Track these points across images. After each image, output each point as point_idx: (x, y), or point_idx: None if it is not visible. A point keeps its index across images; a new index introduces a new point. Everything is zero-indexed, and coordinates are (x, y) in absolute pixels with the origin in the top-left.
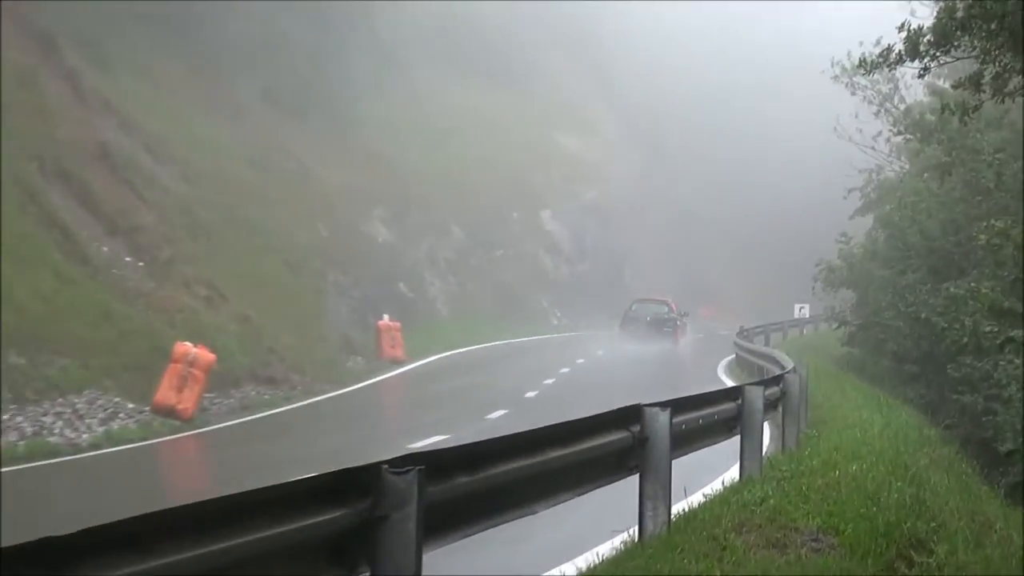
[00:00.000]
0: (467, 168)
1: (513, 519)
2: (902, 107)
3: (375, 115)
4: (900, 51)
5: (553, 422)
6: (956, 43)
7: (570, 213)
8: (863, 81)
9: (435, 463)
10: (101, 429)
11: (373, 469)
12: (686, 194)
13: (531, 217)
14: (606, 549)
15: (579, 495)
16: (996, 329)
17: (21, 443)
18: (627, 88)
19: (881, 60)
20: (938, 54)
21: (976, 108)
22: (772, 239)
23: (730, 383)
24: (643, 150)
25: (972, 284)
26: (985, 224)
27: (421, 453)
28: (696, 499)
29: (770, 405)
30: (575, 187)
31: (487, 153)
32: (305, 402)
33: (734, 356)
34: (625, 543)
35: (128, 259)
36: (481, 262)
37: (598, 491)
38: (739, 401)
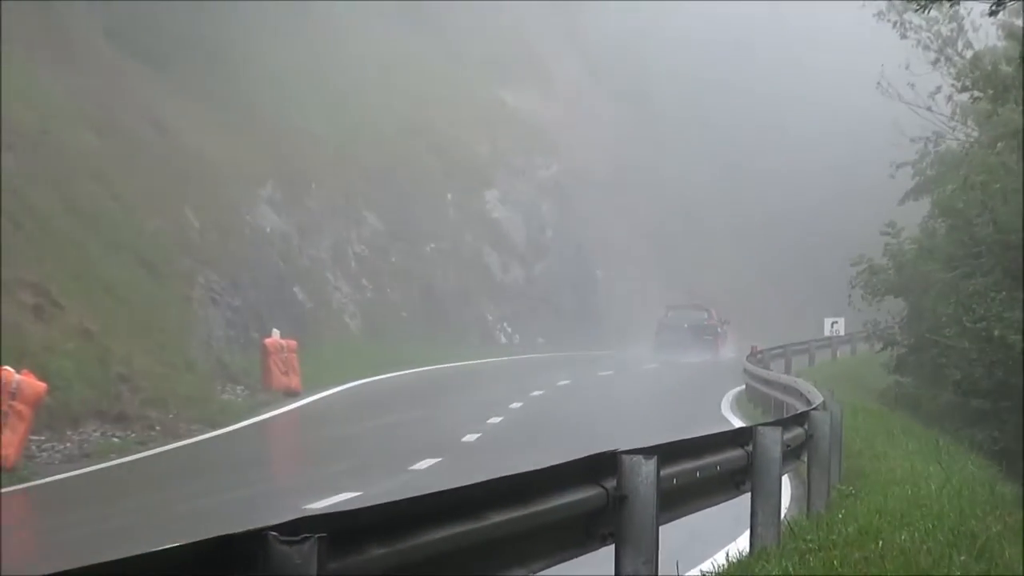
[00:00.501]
0: (386, 135)
1: None
2: (968, 54)
3: (264, 64)
4: None
5: (500, 475)
6: None
7: (523, 195)
8: (916, 20)
9: (341, 529)
10: None
11: (256, 537)
12: (679, 172)
13: (471, 200)
14: None
15: (534, 574)
16: None
17: None
18: (600, 29)
19: None
20: None
21: None
22: (795, 233)
23: (738, 424)
24: (621, 111)
25: None
26: None
27: (322, 516)
28: None
29: (791, 453)
30: (530, 160)
31: (412, 115)
32: (166, 447)
33: (743, 387)
34: None
35: None
36: (404, 260)
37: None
38: (749, 447)
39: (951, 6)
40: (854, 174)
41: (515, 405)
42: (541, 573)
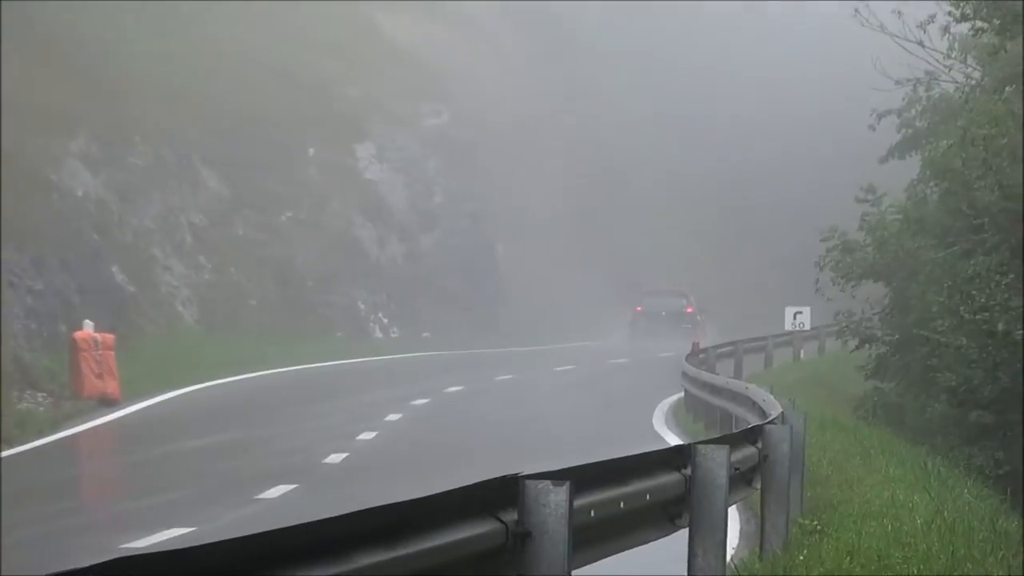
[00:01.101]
0: (228, 73)
1: None
2: None
3: None
4: None
5: (370, 505)
6: None
7: (405, 150)
8: None
9: (168, 572)
10: None
11: None
12: (607, 123)
13: (338, 156)
14: None
15: None
16: None
17: None
18: None
19: None
20: None
21: None
22: (753, 202)
23: (674, 441)
24: (534, 44)
25: None
26: None
27: (144, 556)
28: None
29: (741, 478)
30: (414, 106)
31: (261, 48)
32: None
33: (682, 395)
34: None
35: None
36: (254, 233)
37: None
38: (688, 471)
39: None
40: (827, 127)
41: (392, 417)
42: None
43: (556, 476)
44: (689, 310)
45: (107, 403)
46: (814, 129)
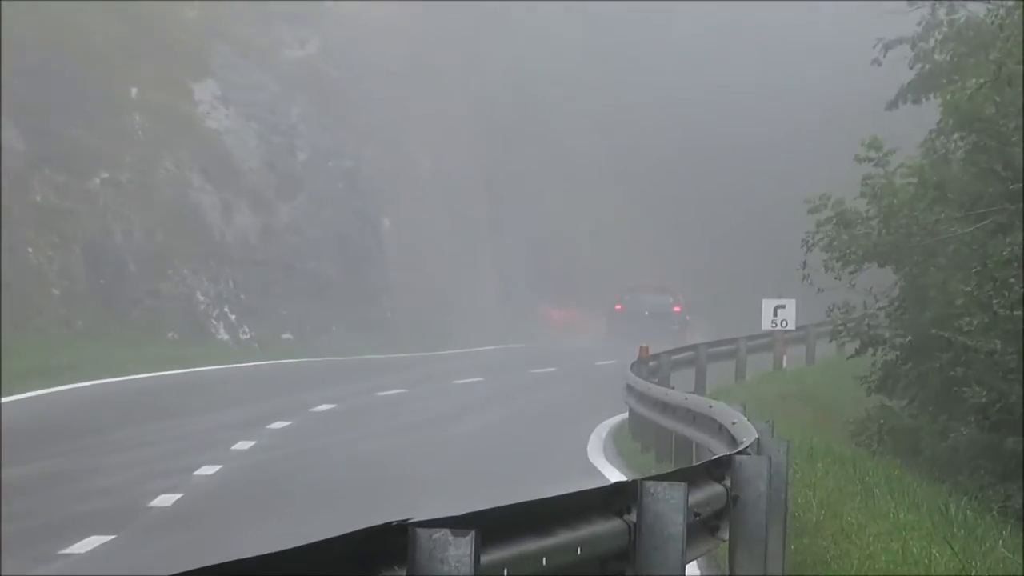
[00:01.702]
0: None
1: None
2: None
3: None
4: None
5: (212, 562)
6: None
7: (260, 91)
8: None
9: None
10: None
11: None
12: (527, 54)
13: (170, 99)
14: None
15: None
16: None
17: None
18: None
19: None
20: None
21: None
22: (726, 167)
23: (616, 477)
24: None
25: None
26: None
27: None
28: None
29: (703, 525)
30: (271, 32)
31: None
32: None
33: (626, 416)
34: None
35: None
36: (57, 200)
37: None
38: (632, 516)
39: None
40: (823, 70)
41: (241, 446)
42: None
43: (458, 523)
44: (676, 309)
45: None
46: (795, 83)
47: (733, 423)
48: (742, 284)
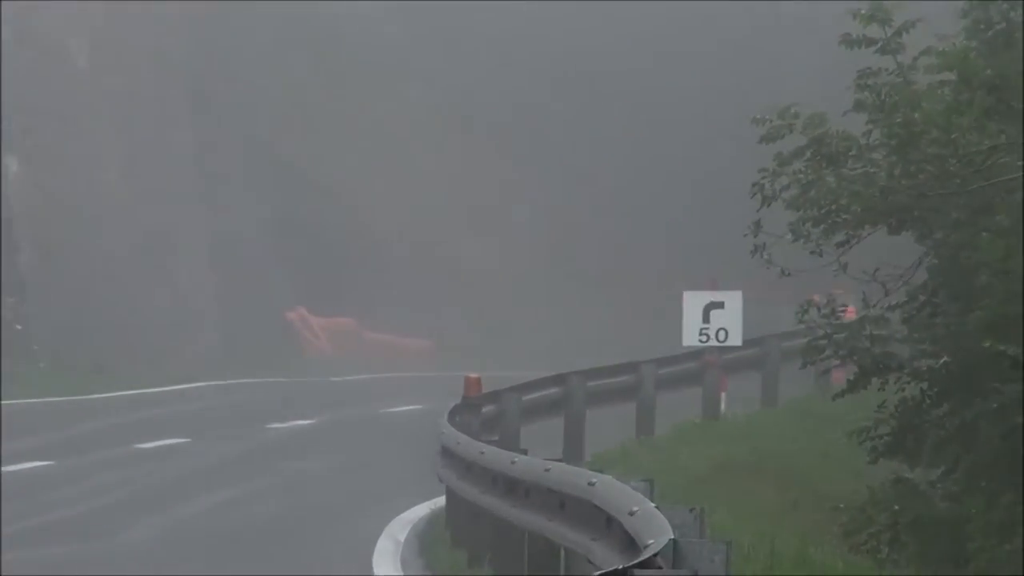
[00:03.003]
0: None
1: None
2: None
3: None
4: None
5: None
6: None
7: None
8: None
9: None
10: None
11: None
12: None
13: None
14: None
15: None
16: None
17: None
18: None
19: None
20: None
21: None
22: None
23: None
24: None
25: None
26: None
27: None
28: None
29: None
30: None
31: None
32: None
33: (442, 503)
34: None
35: None
36: None
37: None
38: None
39: None
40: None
41: None
42: None
43: None
44: None
45: None
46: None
47: (632, 512)
48: (646, 271)
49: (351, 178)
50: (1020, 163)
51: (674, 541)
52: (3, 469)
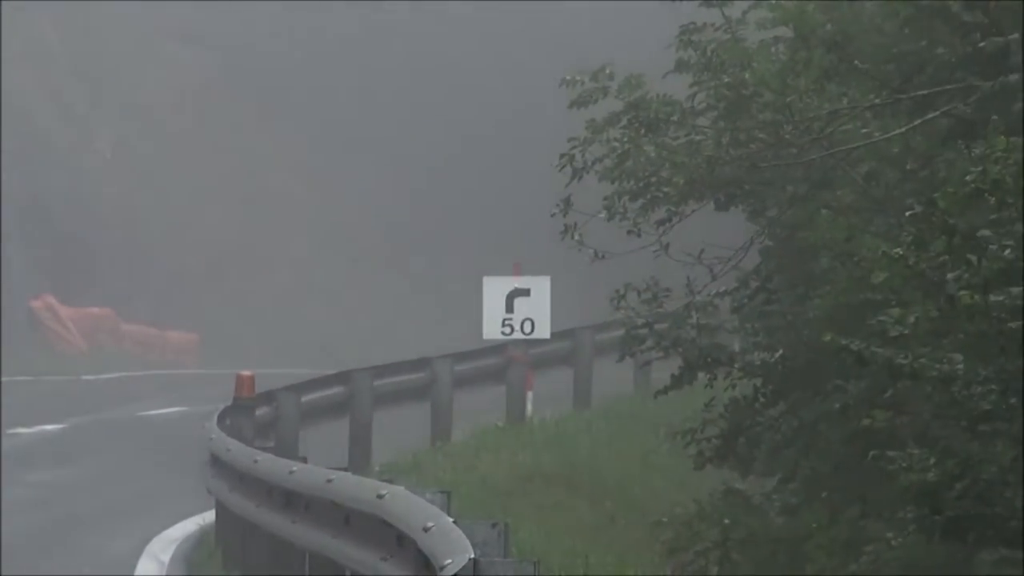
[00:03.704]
0: None
1: None
2: None
3: None
4: None
5: None
6: None
7: None
8: None
9: None
10: None
11: None
12: None
13: None
14: None
15: None
16: None
17: None
18: None
19: None
20: None
21: None
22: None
23: None
24: None
25: None
26: None
27: None
28: None
29: None
30: None
31: None
32: None
33: (211, 518)
34: None
35: None
36: None
37: None
38: None
39: None
40: None
41: None
42: None
43: None
44: None
45: None
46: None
47: (427, 528)
48: (445, 255)
49: (103, 152)
50: (866, 131)
51: (474, 560)
52: None
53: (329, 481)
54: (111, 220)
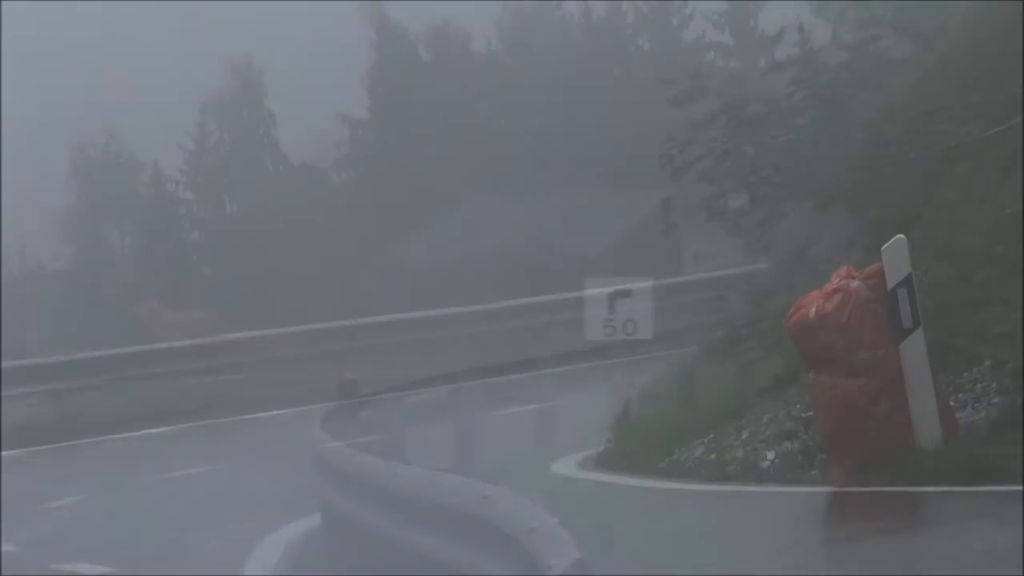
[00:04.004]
0: None
1: None
2: None
3: None
4: None
5: None
6: None
7: None
8: None
9: None
10: None
11: None
12: None
13: None
14: None
15: None
16: None
17: None
18: None
19: None
20: None
21: None
22: None
23: None
24: None
25: None
26: None
27: None
28: None
29: None
30: None
31: None
32: None
33: (316, 523)
34: None
35: None
36: None
37: None
38: None
39: None
40: None
41: None
42: None
43: None
44: None
45: None
46: None
47: (532, 528)
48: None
49: None
50: (962, 129)
51: (579, 561)
52: None
53: (433, 483)
54: None
